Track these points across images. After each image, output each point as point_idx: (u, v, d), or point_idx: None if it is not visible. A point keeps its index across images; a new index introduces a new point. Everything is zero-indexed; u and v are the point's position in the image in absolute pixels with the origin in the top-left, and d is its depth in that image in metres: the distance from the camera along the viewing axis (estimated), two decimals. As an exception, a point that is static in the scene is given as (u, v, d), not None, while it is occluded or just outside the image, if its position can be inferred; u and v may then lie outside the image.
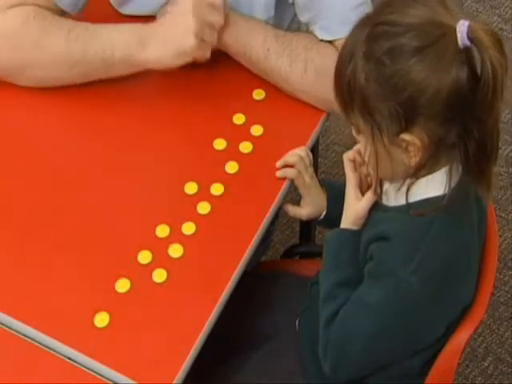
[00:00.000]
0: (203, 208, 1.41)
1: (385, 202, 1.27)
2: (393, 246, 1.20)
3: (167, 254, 1.35)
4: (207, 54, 1.48)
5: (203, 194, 1.43)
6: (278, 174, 1.45)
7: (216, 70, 1.57)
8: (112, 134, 1.50)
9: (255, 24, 1.53)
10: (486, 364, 2.12)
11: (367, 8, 1.49)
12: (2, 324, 1.29)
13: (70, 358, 1.26)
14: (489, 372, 2.11)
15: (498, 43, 1.10)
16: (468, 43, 1.09)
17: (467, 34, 1.08)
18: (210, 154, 1.48)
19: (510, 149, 2.49)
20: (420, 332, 1.25)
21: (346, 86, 1.17)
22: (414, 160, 1.17)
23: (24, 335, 1.28)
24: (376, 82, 1.13)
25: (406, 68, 1.11)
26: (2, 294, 1.32)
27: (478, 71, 1.10)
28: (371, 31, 1.14)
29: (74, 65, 1.48)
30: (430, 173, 1.19)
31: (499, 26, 2.77)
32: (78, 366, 1.25)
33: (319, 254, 1.37)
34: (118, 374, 1.24)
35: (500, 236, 2.30)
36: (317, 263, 1.49)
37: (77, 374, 1.25)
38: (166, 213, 1.40)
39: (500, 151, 2.48)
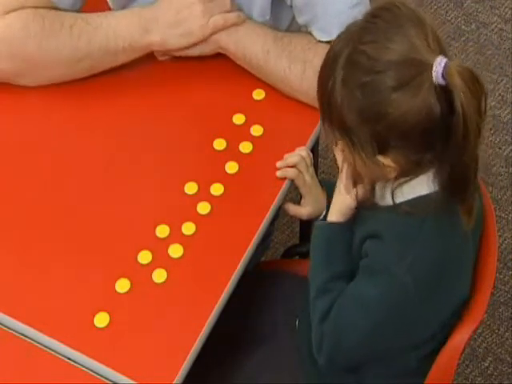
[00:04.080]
0: (203, 208, 1.41)
1: (376, 199, 1.27)
2: (386, 244, 1.21)
3: (167, 254, 1.35)
4: (219, 23, 1.50)
5: (203, 193, 1.43)
6: (279, 173, 1.45)
7: (216, 69, 1.57)
8: (112, 134, 1.50)
9: (254, 26, 1.53)
10: (486, 364, 2.12)
11: (364, 8, 1.49)
12: (2, 324, 1.29)
13: (69, 358, 1.26)
14: (489, 372, 2.11)
15: (474, 82, 1.10)
16: (443, 82, 1.10)
17: (442, 73, 1.09)
18: (210, 154, 1.48)
19: (510, 149, 2.49)
20: (413, 328, 1.25)
21: (325, 100, 1.19)
22: (392, 175, 1.19)
23: (24, 335, 1.28)
24: (350, 109, 1.15)
25: (379, 103, 1.12)
26: (2, 294, 1.32)
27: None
28: (350, 56, 1.15)
29: (79, 61, 1.49)
30: (415, 177, 1.20)
31: (499, 26, 2.78)
32: (78, 366, 1.25)
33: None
34: (118, 374, 1.24)
35: (500, 236, 2.30)
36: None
37: (77, 374, 1.25)
38: (166, 213, 1.40)
39: (500, 151, 2.48)
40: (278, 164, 1.45)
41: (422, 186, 1.20)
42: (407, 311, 1.22)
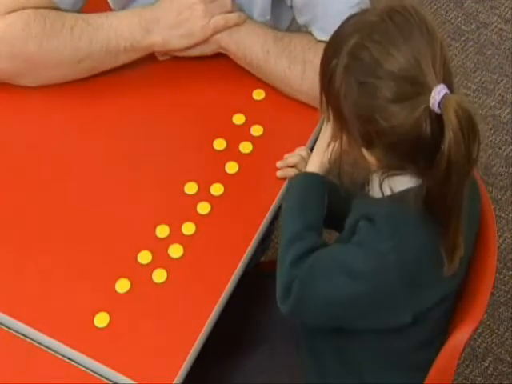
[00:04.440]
0: (203, 208, 1.41)
1: (371, 192, 1.28)
2: (377, 226, 1.21)
3: (167, 254, 1.35)
4: (221, 22, 1.50)
5: (203, 194, 1.43)
6: (279, 173, 1.45)
7: (216, 70, 1.57)
8: (112, 134, 1.50)
9: (255, 26, 1.53)
10: (486, 364, 2.12)
11: (364, 7, 1.49)
12: (2, 324, 1.29)
13: (69, 358, 1.26)
14: (489, 372, 2.11)
15: (468, 123, 1.09)
16: (438, 111, 1.10)
17: (439, 103, 1.09)
18: (210, 153, 1.48)
19: (510, 149, 2.49)
20: (383, 311, 1.24)
21: (327, 76, 1.19)
22: (374, 168, 1.21)
23: (24, 335, 1.28)
24: (346, 98, 1.16)
25: (373, 108, 1.13)
26: (2, 294, 1.32)
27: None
28: (356, 47, 1.15)
29: (80, 61, 1.49)
30: (399, 173, 1.20)
31: (499, 26, 2.78)
32: (78, 366, 1.26)
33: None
34: (118, 374, 1.24)
35: (500, 236, 2.30)
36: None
37: (77, 374, 1.25)
38: (166, 213, 1.40)
39: (500, 151, 2.48)
40: (278, 164, 1.45)
41: (408, 180, 1.20)
42: (382, 290, 1.21)
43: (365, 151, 1.19)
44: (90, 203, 1.42)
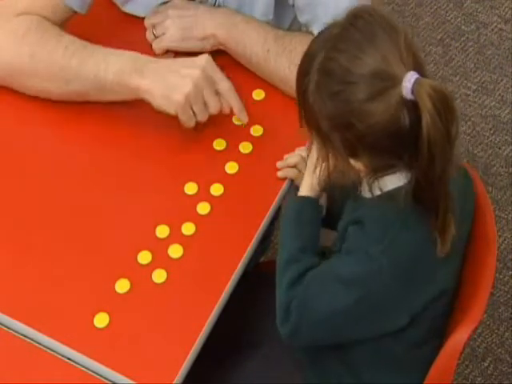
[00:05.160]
0: (203, 208, 1.41)
1: (362, 193, 1.28)
2: (366, 229, 1.23)
3: (167, 255, 1.35)
4: (190, 124, 1.44)
5: (203, 194, 1.43)
6: (279, 174, 1.45)
7: (216, 70, 1.57)
8: (112, 134, 1.50)
9: (256, 25, 1.53)
10: (485, 364, 2.12)
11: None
12: (2, 324, 1.29)
13: (69, 359, 1.26)
14: (489, 372, 2.11)
15: (443, 104, 1.10)
16: (412, 97, 1.11)
17: (412, 89, 1.10)
18: (210, 154, 1.48)
19: (510, 149, 2.49)
20: (382, 315, 1.25)
21: (301, 95, 1.20)
22: (363, 174, 1.22)
23: (24, 335, 1.28)
24: (321, 114, 1.17)
25: (349, 113, 1.14)
26: (2, 294, 1.32)
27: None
28: (324, 61, 1.16)
29: (69, 81, 1.46)
30: (389, 173, 1.21)
31: (499, 26, 2.78)
32: (78, 366, 1.26)
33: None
34: (118, 374, 1.24)
35: (500, 236, 2.30)
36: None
37: (76, 374, 1.25)
38: (166, 213, 1.40)
39: (500, 151, 2.48)
40: (278, 164, 1.45)
41: (398, 178, 1.21)
42: (378, 294, 1.22)
43: (352, 160, 1.20)
44: (90, 203, 1.42)
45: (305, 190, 1.36)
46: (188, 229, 1.39)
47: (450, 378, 1.27)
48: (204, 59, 1.43)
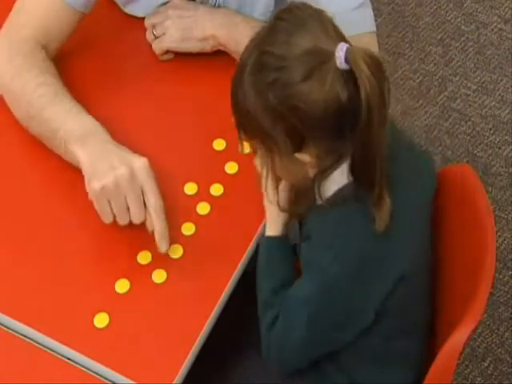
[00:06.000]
0: (203, 208, 1.41)
1: (318, 201, 1.29)
2: (314, 242, 1.25)
3: (167, 255, 1.35)
4: (106, 220, 1.34)
5: (203, 194, 1.43)
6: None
7: (216, 69, 1.57)
8: (111, 133, 1.50)
9: (256, 24, 1.53)
10: (485, 364, 2.12)
11: (367, 8, 1.50)
12: (2, 324, 1.29)
13: (69, 359, 1.26)
14: (489, 372, 2.11)
15: (377, 68, 1.11)
16: (346, 66, 1.11)
17: (345, 57, 1.11)
18: (209, 154, 1.48)
19: (510, 149, 2.50)
20: (351, 318, 1.27)
21: (239, 109, 1.21)
22: (313, 171, 1.22)
23: (24, 335, 1.28)
24: (263, 110, 1.16)
25: (289, 97, 1.14)
26: (2, 294, 1.32)
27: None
28: (257, 60, 1.17)
29: (30, 118, 1.44)
30: (332, 171, 1.21)
31: (499, 26, 2.78)
32: (78, 366, 1.26)
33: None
34: (118, 374, 1.25)
35: (499, 236, 2.29)
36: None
37: (76, 374, 1.25)
38: (166, 213, 1.40)
39: (500, 151, 2.48)
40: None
41: (340, 177, 1.22)
42: (341, 301, 1.24)
43: (299, 155, 1.20)
44: (90, 203, 1.41)
45: (271, 227, 1.36)
46: (188, 229, 1.39)
47: (450, 378, 1.27)
48: (141, 163, 1.32)
